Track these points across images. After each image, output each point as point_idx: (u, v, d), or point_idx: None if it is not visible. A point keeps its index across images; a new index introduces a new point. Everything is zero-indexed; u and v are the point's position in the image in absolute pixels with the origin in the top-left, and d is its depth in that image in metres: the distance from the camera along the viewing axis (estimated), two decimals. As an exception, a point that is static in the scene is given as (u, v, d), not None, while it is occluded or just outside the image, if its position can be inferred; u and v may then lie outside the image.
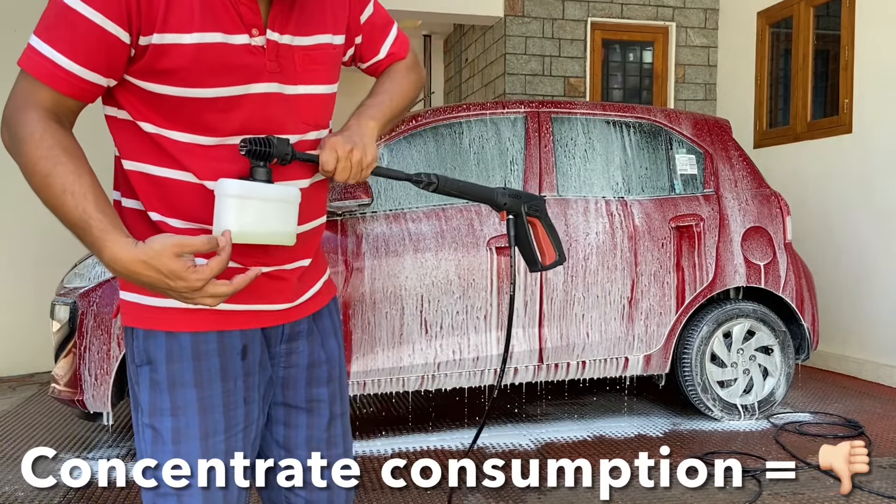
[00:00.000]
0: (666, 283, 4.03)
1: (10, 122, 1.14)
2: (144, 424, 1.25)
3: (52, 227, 4.71)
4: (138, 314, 1.25)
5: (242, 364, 1.28)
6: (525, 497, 3.04)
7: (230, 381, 1.26)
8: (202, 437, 1.23)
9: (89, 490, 3.15)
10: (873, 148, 5.16)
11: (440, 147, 3.91)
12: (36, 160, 1.10)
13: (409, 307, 3.66)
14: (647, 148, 4.19)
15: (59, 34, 1.12)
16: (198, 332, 1.24)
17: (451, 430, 4.02)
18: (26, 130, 1.11)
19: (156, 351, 1.24)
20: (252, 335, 1.30)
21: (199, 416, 1.23)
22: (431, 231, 3.73)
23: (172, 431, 1.23)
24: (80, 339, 3.39)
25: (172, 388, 1.23)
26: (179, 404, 1.23)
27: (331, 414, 1.41)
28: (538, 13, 6.61)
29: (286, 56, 1.24)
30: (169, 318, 1.23)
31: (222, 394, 1.25)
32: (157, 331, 1.24)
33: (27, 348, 5.34)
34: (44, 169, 1.09)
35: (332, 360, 1.42)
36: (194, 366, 1.24)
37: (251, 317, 1.29)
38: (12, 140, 1.13)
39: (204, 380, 1.24)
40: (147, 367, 1.24)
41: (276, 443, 1.37)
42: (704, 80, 6.96)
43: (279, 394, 1.37)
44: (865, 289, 5.23)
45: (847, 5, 5.35)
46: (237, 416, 1.27)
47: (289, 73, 1.24)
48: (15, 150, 1.13)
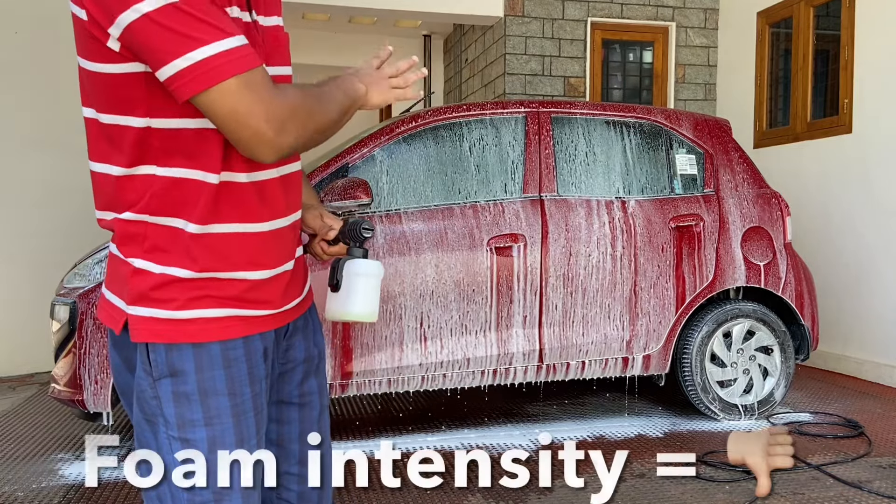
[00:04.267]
0: (666, 284, 4.03)
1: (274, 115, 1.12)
2: (172, 437, 1.21)
3: (52, 227, 4.73)
4: (155, 328, 1.21)
5: (265, 366, 1.29)
6: (525, 497, 3.04)
7: (256, 384, 1.27)
8: (237, 444, 1.23)
9: (89, 490, 3.15)
10: (873, 148, 5.16)
11: (440, 147, 3.91)
12: (317, 105, 1.19)
13: (409, 307, 3.66)
14: (647, 148, 4.19)
15: (214, 29, 1.08)
16: (226, 340, 1.23)
17: (451, 430, 4.02)
18: (290, 101, 1.14)
19: (182, 362, 1.21)
20: (270, 337, 1.30)
21: (234, 423, 1.23)
22: (432, 231, 3.73)
23: (208, 441, 1.21)
24: (81, 340, 3.39)
25: (205, 397, 1.21)
26: (213, 413, 1.22)
27: (321, 405, 1.42)
28: (538, 13, 6.61)
29: (259, 35, 1.26)
30: (196, 330, 1.22)
31: (251, 398, 1.26)
32: (182, 343, 1.21)
33: (27, 348, 5.34)
34: (315, 108, 1.18)
35: (321, 354, 1.45)
36: (226, 374, 1.23)
37: (270, 319, 1.30)
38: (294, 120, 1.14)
39: (236, 386, 1.24)
40: (169, 379, 1.21)
41: (268, 440, 1.37)
42: (704, 80, 6.96)
43: (273, 392, 1.37)
44: (865, 289, 5.23)
45: (847, 5, 5.35)
46: (262, 419, 1.29)
47: (263, 53, 1.26)
48: (305, 120, 1.16)
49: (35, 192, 5.46)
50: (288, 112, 1.12)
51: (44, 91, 5.36)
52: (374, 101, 1.30)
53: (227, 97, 1.08)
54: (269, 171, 1.25)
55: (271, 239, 1.27)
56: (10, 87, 5.39)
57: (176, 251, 1.20)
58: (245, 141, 1.12)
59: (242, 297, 1.25)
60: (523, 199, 3.90)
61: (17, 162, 5.41)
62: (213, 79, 1.07)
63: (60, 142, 5.08)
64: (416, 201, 3.77)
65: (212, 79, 1.07)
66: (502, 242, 3.79)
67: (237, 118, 1.09)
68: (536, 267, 3.83)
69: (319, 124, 1.18)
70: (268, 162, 1.16)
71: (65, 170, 5.29)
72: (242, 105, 1.08)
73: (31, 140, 5.33)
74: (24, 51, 5.35)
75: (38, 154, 5.34)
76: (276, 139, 1.11)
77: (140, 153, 1.18)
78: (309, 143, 1.19)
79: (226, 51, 1.07)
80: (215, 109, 1.09)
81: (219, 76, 1.07)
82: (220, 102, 1.08)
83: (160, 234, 1.20)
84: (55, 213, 5.47)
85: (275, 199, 1.27)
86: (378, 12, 7.07)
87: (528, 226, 3.85)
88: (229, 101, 1.08)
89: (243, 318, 1.25)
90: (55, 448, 3.79)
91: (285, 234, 1.30)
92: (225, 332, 1.23)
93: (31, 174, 5.44)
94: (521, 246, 3.82)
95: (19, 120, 5.37)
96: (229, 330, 1.24)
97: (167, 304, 1.20)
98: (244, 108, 1.08)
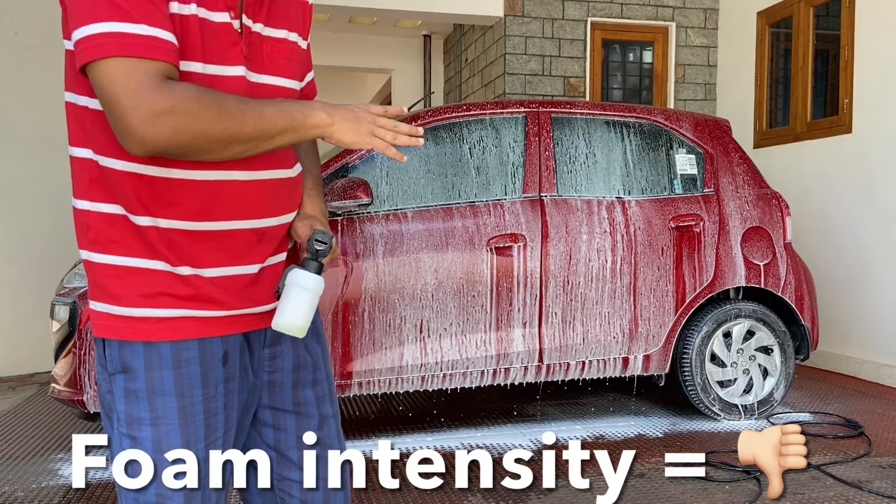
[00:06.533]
0: (666, 284, 4.03)
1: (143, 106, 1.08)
2: (122, 434, 1.23)
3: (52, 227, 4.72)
4: (112, 324, 1.23)
5: (223, 370, 1.27)
6: (525, 497, 3.04)
7: (211, 387, 1.25)
8: (183, 445, 1.22)
9: (89, 490, 3.15)
10: (873, 148, 5.16)
11: (439, 148, 3.91)
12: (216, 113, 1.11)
13: (409, 307, 3.66)
14: (647, 148, 4.19)
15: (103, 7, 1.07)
16: (178, 341, 1.23)
17: (449, 430, 4.02)
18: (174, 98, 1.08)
19: (132, 359, 1.22)
20: (233, 341, 1.29)
21: (180, 424, 1.22)
22: (432, 231, 3.73)
23: (153, 441, 1.21)
24: (81, 340, 3.39)
25: (152, 396, 1.21)
26: (160, 413, 1.22)
27: (320, 415, 1.41)
28: (538, 13, 6.61)
29: (256, 43, 1.27)
30: (148, 328, 1.22)
31: (203, 400, 1.24)
32: (134, 341, 1.22)
33: (27, 348, 5.34)
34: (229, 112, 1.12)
35: (317, 364, 1.42)
36: (175, 374, 1.22)
37: (232, 322, 1.28)
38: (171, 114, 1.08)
39: (185, 387, 1.23)
40: (122, 375, 1.22)
41: (266, 445, 1.37)
42: (704, 80, 6.96)
43: (265, 397, 1.37)
44: (865, 289, 5.23)
45: (847, 5, 5.35)
46: (217, 422, 1.27)
47: (256, 60, 1.27)
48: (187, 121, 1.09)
49: (35, 192, 5.46)
50: (166, 107, 1.07)
51: (44, 91, 5.34)
52: (344, 139, 1.22)
53: (105, 75, 1.07)
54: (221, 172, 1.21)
55: (219, 237, 1.24)
56: (10, 87, 5.38)
57: (123, 241, 1.21)
58: (113, 126, 1.10)
59: (194, 296, 1.23)
60: (523, 199, 3.90)
61: (17, 162, 5.41)
62: (95, 54, 1.07)
63: (60, 142, 5.04)
64: (416, 201, 3.78)
65: (94, 54, 1.07)
66: (502, 242, 3.79)
67: (108, 98, 1.09)
68: (536, 267, 3.83)
69: (210, 132, 1.11)
70: (134, 153, 1.11)
71: (64, 170, 5.26)
72: (115, 87, 1.07)
73: (31, 140, 5.32)
74: (24, 51, 5.35)
75: (38, 154, 5.33)
76: (140, 130, 1.07)
77: (83, 136, 1.21)
78: (195, 149, 1.12)
79: (118, 32, 1.07)
80: (95, 86, 1.10)
81: (101, 53, 1.07)
82: (99, 80, 1.08)
83: (102, 222, 1.22)
84: (55, 213, 5.46)
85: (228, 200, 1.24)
86: (378, 12, 7.07)
87: (527, 226, 3.85)
88: (105, 80, 1.07)
89: (198, 319, 1.24)
90: (55, 448, 3.79)
91: (243, 236, 1.27)
92: (177, 333, 1.23)
93: (31, 174, 5.43)
94: (520, 246, 3.82)
95: (19, 120, 5.37)
96: (182, 331, 1.23)
97: (121, 300, 1.21)
98: (115, 90, 1.07)
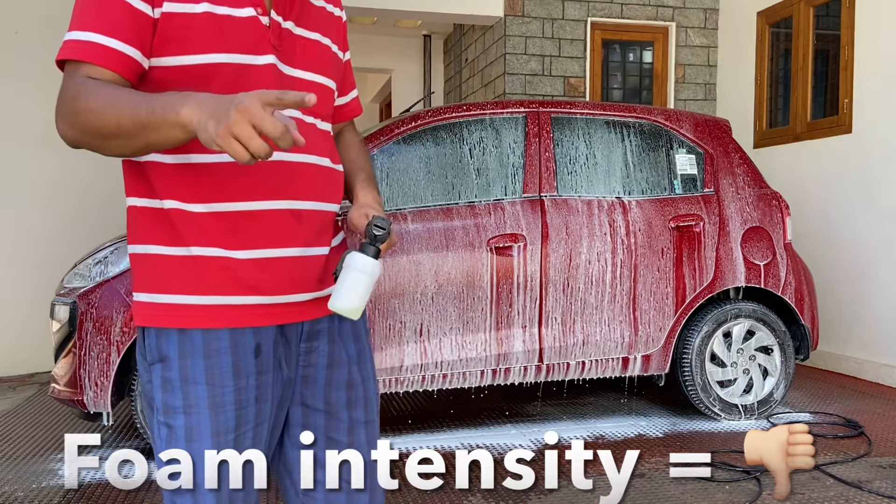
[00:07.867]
0: (666, 284, 4.02)
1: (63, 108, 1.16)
2: (160, 423, 1.25)
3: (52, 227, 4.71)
4: (151, 313, 1.26)
5: (255, 362, 1.27)
6: (525, 498, 3.04)
7: (242, 378, 1.26)
8: (213, 435, 1.23)
9: (89, 490, 3.15)
10: (873, 148, 5.16)
11: (439, 148, 3.91)
12: (77, 108, 1.14)
13: (409, 307, 3.66)
14: (647, 148, 4.19)
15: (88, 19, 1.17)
16: (209, 330, 1.24)
17: (449, 430, 4.02)
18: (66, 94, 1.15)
19: (168, 348, 1.24)
20: (266, 333, 1.28)
21: (210, 413, 1.23)
22: (433, 230, 3.73)
23: (185, 429, 1.23)
24: (81, 340, 3.39)
25: (185, 385, 1.23)
26: (192, 402, 1.23)
27: (350, 419, 1.37)
28: (538, 13, 6.61)
29: (287, 38, 1.29)
30: (181, 315, 1.24)
31: (234, 391, 1.25)
32: (169, 328, 1.24)
33: (27, 348, 5.34)
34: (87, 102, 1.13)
35: (352, 364, 1.39)
36: (206, 363, 1.24)
37: (266, 313, 1.28)
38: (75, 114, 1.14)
39: (216, 377, 1.24)
40: (159, 364, 1.25)
41: (294, 446, 1.35)
42: (704, 80, 6.96)
43: (297, 393, 1.35)
44: (865, 289, 5.23)
45: (847, 5, 5.35)
46: (248, 415, 1.27)
47: (288, 53, 1.28)
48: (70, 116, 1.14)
49: (35, 192, 5.46)
50: (59, 103, 1.16)
51: (44, 91, 5.32)
52: (201, 137, 1.02)
53: (64, 76, 1.19)
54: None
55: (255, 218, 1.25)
56: (10, 87, 5.38)
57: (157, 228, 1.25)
58: None
59: (229, 280, 1.24)
60: (523, 199, 3.90)
61: (17, 162, 5.41)
62: (59, 56, 1.19)
63: (60, 142, 5.05)
64: (417, 201, 3.77)
65: (59, 56, 1.19)
66: (502, 243, 3.79)
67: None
68: (536, 267, 3.83)
69: (87, 126, 1.13)
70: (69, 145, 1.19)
71: (65, 170, 5.30)
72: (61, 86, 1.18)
73: (31, 140, 5.32)
74: (24, 51, 5.35)
75: (38, 154, 5.33)
76: (57, 125, 1.18)
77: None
78: (86, 142, 1.16)
79: (75, 39, 1.17)
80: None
81: (60, 55, 1.19)
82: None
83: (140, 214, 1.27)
84: (55, 213, 5.48)
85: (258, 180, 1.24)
86: (378, 12, 7.06)
87: (528, 226, 3.84)
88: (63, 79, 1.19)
89: (230, 308, 1.25)
90: (55, 448, 3.79)
91: (279, 216, 1.26)
92: (208, 321, 1.24)
93: (31, 174, 5.44)
94: (520, 246, 3.82)
95: (19, 120, 5.37)
96: (213, 319, 1.24)
97: (156, 287, 1.25)
98: (60, 89, 1.18)
